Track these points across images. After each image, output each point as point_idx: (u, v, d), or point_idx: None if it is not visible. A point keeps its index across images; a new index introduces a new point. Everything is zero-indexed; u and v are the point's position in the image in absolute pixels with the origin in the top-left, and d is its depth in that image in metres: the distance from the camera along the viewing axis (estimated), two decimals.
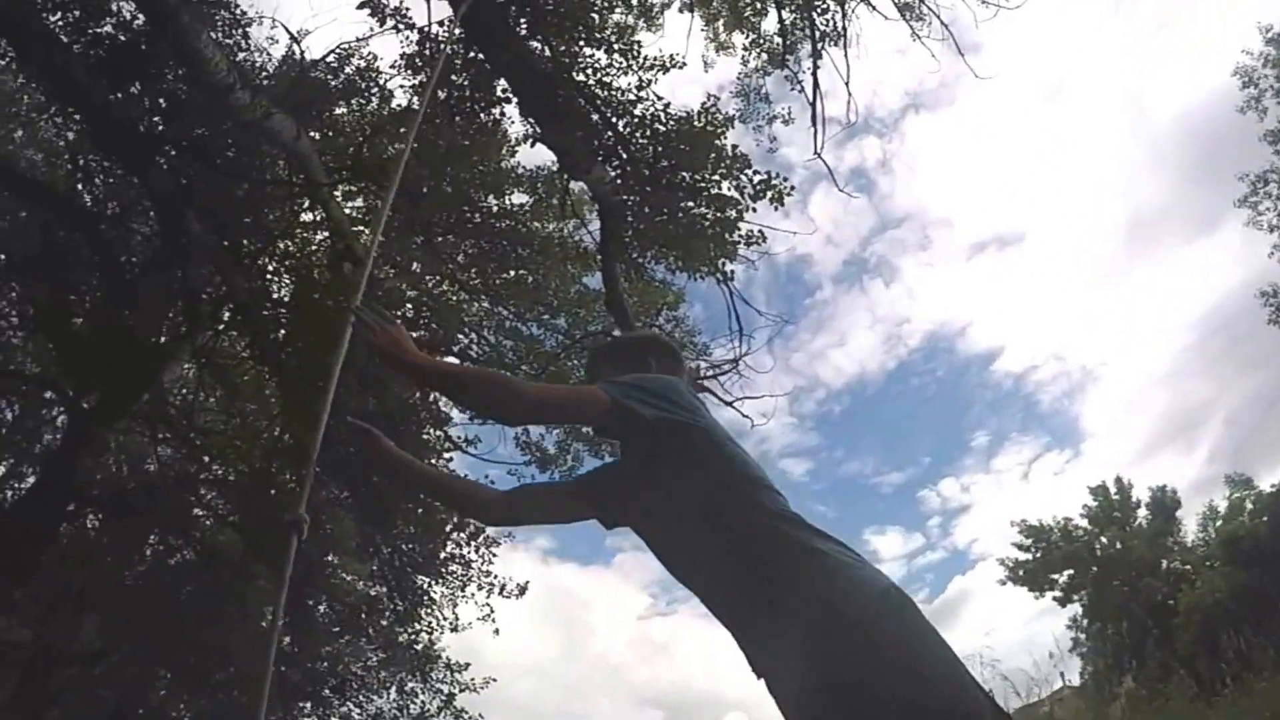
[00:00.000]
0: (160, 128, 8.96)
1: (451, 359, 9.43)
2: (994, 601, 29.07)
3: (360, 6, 8.19)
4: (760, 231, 7.97)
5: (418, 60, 8.34)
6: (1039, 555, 23.97)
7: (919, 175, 41.51)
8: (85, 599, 12.49)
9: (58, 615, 12.64)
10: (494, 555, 9.69)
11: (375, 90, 8.87)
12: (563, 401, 2.23)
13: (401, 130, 8.84)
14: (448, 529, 9.15)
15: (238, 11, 8.91)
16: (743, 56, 10.30)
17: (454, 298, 9.82)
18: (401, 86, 8.77)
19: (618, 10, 8.65)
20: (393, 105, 9.05)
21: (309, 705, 11.93)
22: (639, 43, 7.97)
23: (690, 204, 7.87)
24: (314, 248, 9.29)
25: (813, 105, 9.07)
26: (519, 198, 8.97)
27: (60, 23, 8.37)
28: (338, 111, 9.16)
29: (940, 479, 45.71)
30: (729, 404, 9.09)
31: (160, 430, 10.67)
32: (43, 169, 10.97)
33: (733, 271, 8.39)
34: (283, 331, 9.10)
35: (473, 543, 9.41)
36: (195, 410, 10.49)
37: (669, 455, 2.05)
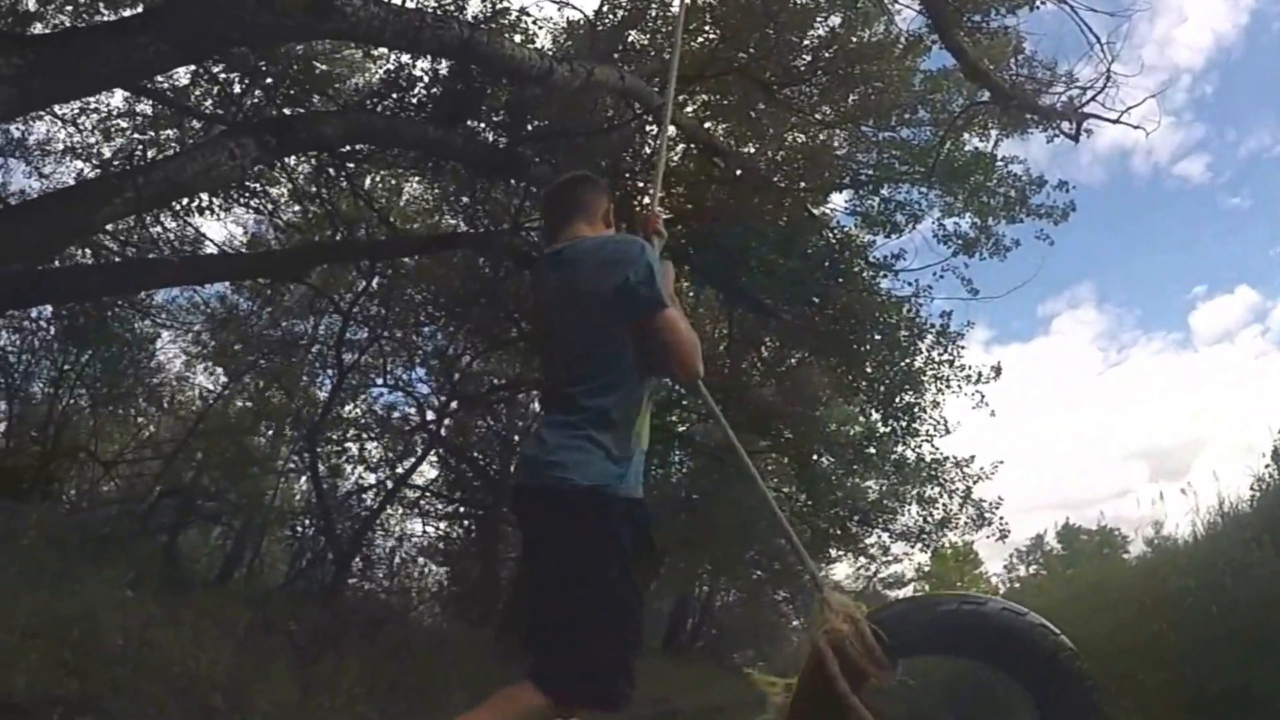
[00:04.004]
0: (512, 132, 10.34)
1: None
2: None
3: None
4: None
5: None
6: None
7: None
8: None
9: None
10: (962, 349, 10.19)
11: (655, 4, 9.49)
12: None
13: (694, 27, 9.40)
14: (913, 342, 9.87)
15: (512, 16, 9.95)
16: None
17: (818, 138, 10.37)
18: None
19: None
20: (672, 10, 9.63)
21: (838, 542, 13.19)
22: None
23: None
24: (678, 157, 10.17)
25: None
26: (832, 20, 9.21)
27: (395, 106, 9.89)
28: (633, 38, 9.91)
29: None
30: (1115, 121, 8.81)
31: None
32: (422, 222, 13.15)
33: None
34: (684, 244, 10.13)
35: (938, 346, 10.04)
36: None
37: None
